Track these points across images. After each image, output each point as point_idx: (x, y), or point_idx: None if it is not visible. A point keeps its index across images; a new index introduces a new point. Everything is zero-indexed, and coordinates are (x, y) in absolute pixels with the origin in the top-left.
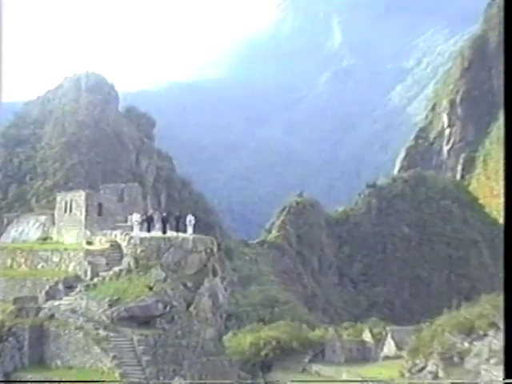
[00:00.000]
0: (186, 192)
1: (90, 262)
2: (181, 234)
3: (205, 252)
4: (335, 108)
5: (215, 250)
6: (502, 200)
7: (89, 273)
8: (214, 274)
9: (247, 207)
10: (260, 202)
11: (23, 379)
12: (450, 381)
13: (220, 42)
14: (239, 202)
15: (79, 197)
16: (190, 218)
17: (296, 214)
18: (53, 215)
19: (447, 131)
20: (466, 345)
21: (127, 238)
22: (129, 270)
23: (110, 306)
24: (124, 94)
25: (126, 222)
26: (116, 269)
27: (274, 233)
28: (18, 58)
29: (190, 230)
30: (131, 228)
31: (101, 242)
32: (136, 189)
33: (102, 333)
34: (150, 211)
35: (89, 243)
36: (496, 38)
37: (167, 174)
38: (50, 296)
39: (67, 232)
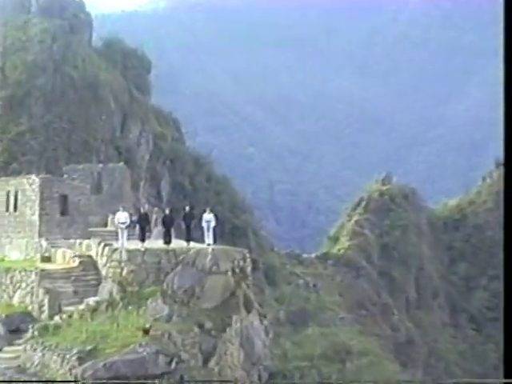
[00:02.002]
0: (201, 177)
1: (47, 291)
2: (194, 245)
3: (232, 273)
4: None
5: (249, 269)
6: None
7: (46, 308)
8: (248, 307)
9: (299, 200)
10: (320, 192)
11: None
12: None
13: None
14: (287, 192)
15: (30, 185)
16: (209, 218)
17: (379, 210)
18: None
19: None
20: None
21: (108, 250)
22: (110, 303)
23: (81, 361)
24: (102, 17)
25: (106, 225)
26: (90, 301)
27: (344, 241)
28: None
29: (208, 237)
30: (114, 234)
31: (65, 258)
32: (121, 172)
33: None
34: (145, 207)
35: (46, 260)
36: None
37: (172, 148)
38: None
39: (10, 242)
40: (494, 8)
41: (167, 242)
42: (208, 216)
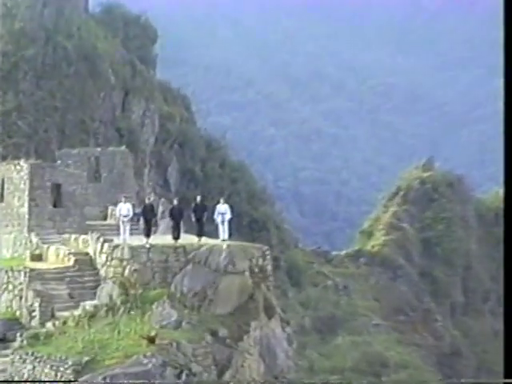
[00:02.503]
0: (214, 162)
1: (38, 294)
2: (206, 240)
3: (250, 272)
4: None
5: (269, 268)
6: None
7: (36, 313)
8: (269, 313)
9: (328, 189)
10: (352, 180)
11: None
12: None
13: None
14: (313, 180)
15: (18, 172)
16: (224, 210)
17: (420, 201)
18: None
19: None
20: None
21: (107, 247)
22: (111, 308)
23: (77, 374)
24: None
25: (106, 218)
26: (87, 305)
27: (379, 236)
28: None
29: (223, 231)
30: (115, 229)
31: (58, 256)
32: (123, 157)
33: None
34: (150, 198)
35: (36, 258)
36: None
37: (181, 130)
38: None
39: None
40: None
41: (175, 237)
42: (222, 207)
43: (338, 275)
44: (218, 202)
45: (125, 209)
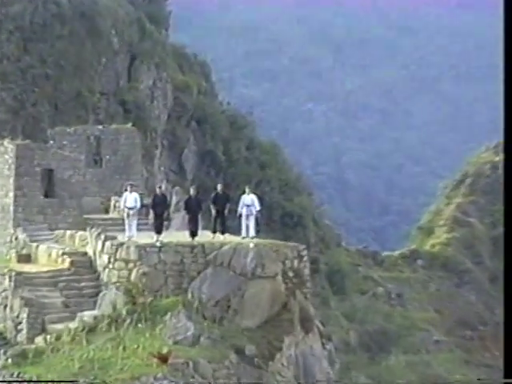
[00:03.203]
0: (239, 143)
1: (26, 302)
2: (230, 238)
3: (284, 277)
4: None
5: (306, 272)
6: None
7: (24, 326)
8: (305, 326)
9: (377, 176)
10: (407, 165)
11: None
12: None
13: None
14: (359, 165)
15: (2, 154)
16: (250, 202)
17: (491, 190)
18: None
19: None
20: None
21: (110, 246)
22: (114, 320)
23: None
24: None
25: (108, 210)
26: (86, 316)
27: (441, 234)
28: None
29: (249, 227)
30: (119, 224)
31: (51, 257)
32: (129, 136)
33: None
34: (162, 186)
35: (24, 259)
36: None
37: (199, 104)
38: None
39: None
40: None
41: (193, 234)
42: (248, 198)
43: (390, 280)
44: (244, 192)
45: (131, 199)
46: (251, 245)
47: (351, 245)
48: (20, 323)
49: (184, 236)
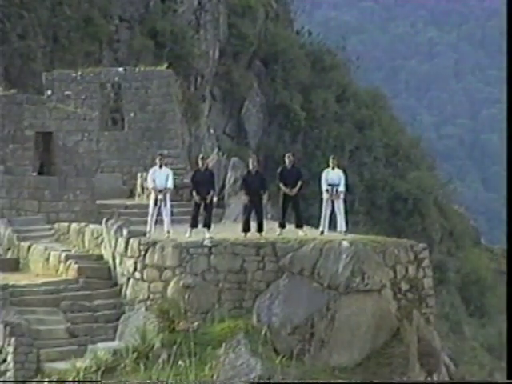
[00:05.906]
0: (326, 92)
1: (12, 330)
2: (311, 233)
3: (395, 291)
4: None
5: (428, 283)
6: None
7: (11, 364)
8: (429, 364)
9: None
10: None
11: None
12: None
13: None
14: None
15: None
16: (336, 179)
17: None
18: None
19: None
20: None
21: (137, 245)
22: (144, 355)
23: None
24: None
25: (133, 193)
26: (101, 349)
27: None
28: None
29: (337, 216)
30: (147, 214)
31: (49, 262)
32: (163, 83)
33: None
34: (211, 157)
35: (9, 265)
36: None
37: (267, 35)
38: None
39: None
40: None
41: (260, 229)
42: (334, 174)
43: None
44: (328, 166)
45: (161, 177)
46: (345, 243)
47: (495, 243)
48: (4, 361)
49: (245, 230)
